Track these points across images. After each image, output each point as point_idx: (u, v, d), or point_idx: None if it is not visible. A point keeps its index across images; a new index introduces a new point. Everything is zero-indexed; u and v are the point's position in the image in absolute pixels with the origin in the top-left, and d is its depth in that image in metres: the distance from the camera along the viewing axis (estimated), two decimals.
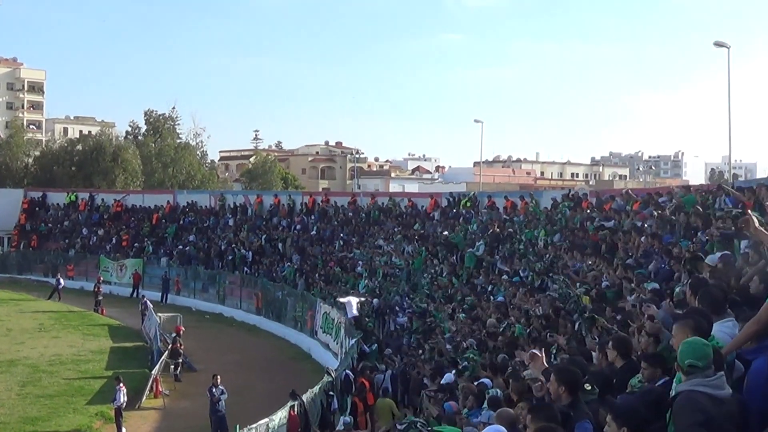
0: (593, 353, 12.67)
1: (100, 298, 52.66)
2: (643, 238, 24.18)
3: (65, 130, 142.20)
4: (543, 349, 13.43)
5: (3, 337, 43.22)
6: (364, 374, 28.86)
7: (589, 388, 9.32)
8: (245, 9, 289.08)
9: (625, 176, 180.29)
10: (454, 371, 20.92)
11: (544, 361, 11.46)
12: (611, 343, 10.61)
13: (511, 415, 9.96)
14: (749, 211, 11.31)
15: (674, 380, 7.68)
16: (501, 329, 24.03)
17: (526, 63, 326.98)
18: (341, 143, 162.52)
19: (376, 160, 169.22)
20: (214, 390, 28.12)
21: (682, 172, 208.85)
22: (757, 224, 9.09)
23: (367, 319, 37.31)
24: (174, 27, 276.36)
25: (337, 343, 38.06)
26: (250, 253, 55.72)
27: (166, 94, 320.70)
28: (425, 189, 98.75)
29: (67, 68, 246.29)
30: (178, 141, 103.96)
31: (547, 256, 32.18)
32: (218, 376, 28.84)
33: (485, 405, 13.52)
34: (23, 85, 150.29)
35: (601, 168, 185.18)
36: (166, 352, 36.04)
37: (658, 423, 7.41)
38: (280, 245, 55.22)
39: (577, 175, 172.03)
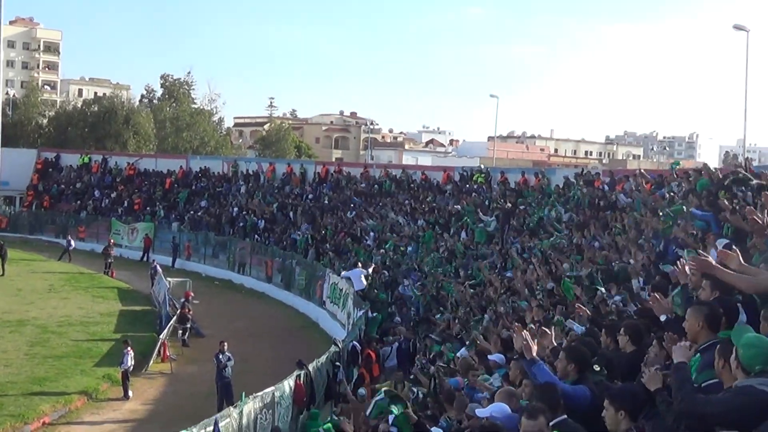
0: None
1: (110, 260, 52.84)
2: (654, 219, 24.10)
3: (80, 91, 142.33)
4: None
5: (13, 297, 43.43)
6: (370, 346, 28.88)
7: (598, 369, 9.32)
8: None
9: (639, 156, 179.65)
10: (467, 345, 20.88)
11: (553, 339, 11.47)
12: (623, 329, 10.54)
13: (516, 394, 9.94)
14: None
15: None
16: (509, 306, 24.01)
17: (546, 39, 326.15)
18: (356, 113, 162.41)
19: (390, 131, 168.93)
20: (220, 356, 28.14)
21: (696, 153, 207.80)
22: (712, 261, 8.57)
23: (376, 291, 37.25)
24: None
25: (344, 314, 38.10)
26: (262, 220, 55.68)
27: (182, 59, 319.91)
28: (438, 162, 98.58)
29: (84, 29, 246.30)
30: (193, 106, 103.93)
31: (558, 233, 32.16)
32: (225, 343, 28.85)
33: (488, 378, 13.52)
34: (39, 45, 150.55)
35: (615, 147, 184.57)
36: (175, 316, 36.10)
37: (656, 408, 7.42)
38: (291, 214, 55.17)
39: (591, 153, 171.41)
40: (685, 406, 6.66)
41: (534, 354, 9.09)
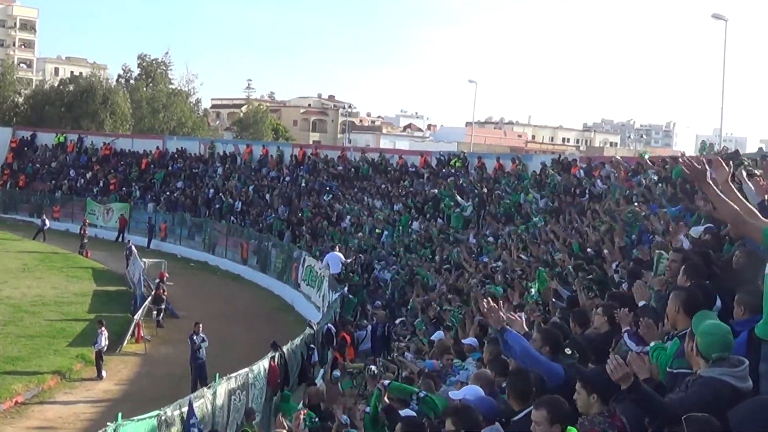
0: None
1: (86, 240, 52.65)
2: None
3: (56, 70, 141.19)
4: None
5: None
6: (345, 328, 28.91)
7: (570, 352, 9.39)
8: None
9: (616, 143, 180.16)
10: (442, 328, 20.93)
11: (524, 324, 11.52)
12: (601, 310, 10.63)
13: (489, 377, 10.00)
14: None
15: (651, 350, 7.71)
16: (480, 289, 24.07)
17: (527, 24, 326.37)
18: (334, 97, 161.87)
19: (368, 115, 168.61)
20: (195, 337, 28.13)
21: (673, 142, 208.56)
22: (709, 175, 7.68)
23: (352, 274, 37.31)
24: None
25: (319, 296, 38.17)
26: (239, 202, 55.55)
27: (159, 39, 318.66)
28: (416, 147, 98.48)
29: (60, 7, 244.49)
30: (171, 87, 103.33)
31: (534, 219, 32.25)
32: (200, 324, 28.85)
33: (462, 364, 13.59)
34: (15, 23, 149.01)
35: (592, 134, 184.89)
36: (149, 297, 36.05)
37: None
38: (267, 196, 55.07)
39: (568, 140, 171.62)
40: (664, 421, 6.67)
41: (504, 324, 9.17)
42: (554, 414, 7.03)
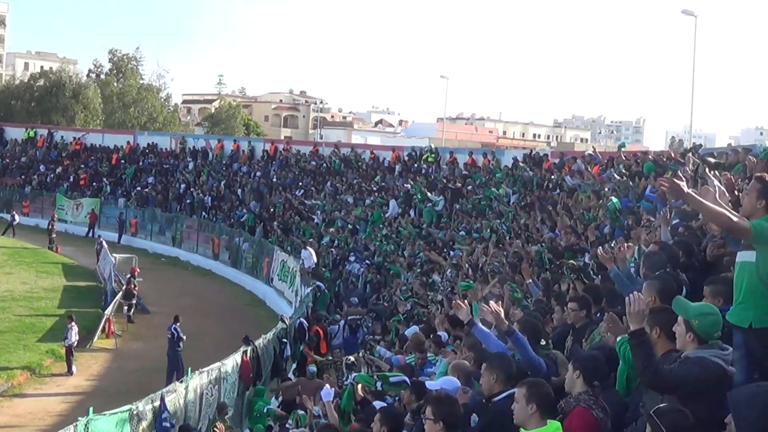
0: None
1: (53, 236, 52.31)
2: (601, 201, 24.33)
3: (26, 64, 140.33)
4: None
5: None
6: (319, 323, 28.88)
7: (543, 343, 9.45)
8: None
9: (587, 139, 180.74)
10: (413, 323, 20.93)
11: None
12: (575, 303, 10.63)
13: (467, 368, 9.99)
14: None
15: (618, 344, 7.71)
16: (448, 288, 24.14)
17: (498, 21, 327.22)
18: (305, 92, 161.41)
19: (340, 111, 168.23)
20: (175, 327, 28.27)
21: (643, 138, 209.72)
22: (685, 187, 7.46)
23: (323, 269, 37.31)
24: None
25: (292, 291, 38.11)
26: (210, 197, 55.34)
27: (130, 34, 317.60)
28: (388, 142, 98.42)
29: (31, 2, 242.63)
30: (141, 82, 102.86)
31: (506, 214, 32.30)
32: (180, 321, 28.94)
33: (436, 357, 13.60)
34: None
35: (563, 130, 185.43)
36: (120, 292, 35.88)
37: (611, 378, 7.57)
38: (239, 191, 54.91)
39: (539, 135, 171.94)
40: (653, 378, 6.68)
41: (470, 317, 9.35)
42: (531, 393, 7.01)
